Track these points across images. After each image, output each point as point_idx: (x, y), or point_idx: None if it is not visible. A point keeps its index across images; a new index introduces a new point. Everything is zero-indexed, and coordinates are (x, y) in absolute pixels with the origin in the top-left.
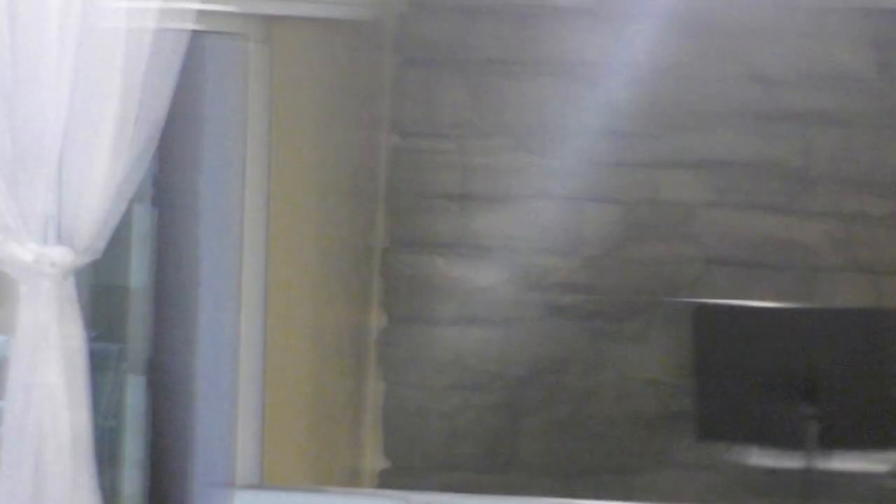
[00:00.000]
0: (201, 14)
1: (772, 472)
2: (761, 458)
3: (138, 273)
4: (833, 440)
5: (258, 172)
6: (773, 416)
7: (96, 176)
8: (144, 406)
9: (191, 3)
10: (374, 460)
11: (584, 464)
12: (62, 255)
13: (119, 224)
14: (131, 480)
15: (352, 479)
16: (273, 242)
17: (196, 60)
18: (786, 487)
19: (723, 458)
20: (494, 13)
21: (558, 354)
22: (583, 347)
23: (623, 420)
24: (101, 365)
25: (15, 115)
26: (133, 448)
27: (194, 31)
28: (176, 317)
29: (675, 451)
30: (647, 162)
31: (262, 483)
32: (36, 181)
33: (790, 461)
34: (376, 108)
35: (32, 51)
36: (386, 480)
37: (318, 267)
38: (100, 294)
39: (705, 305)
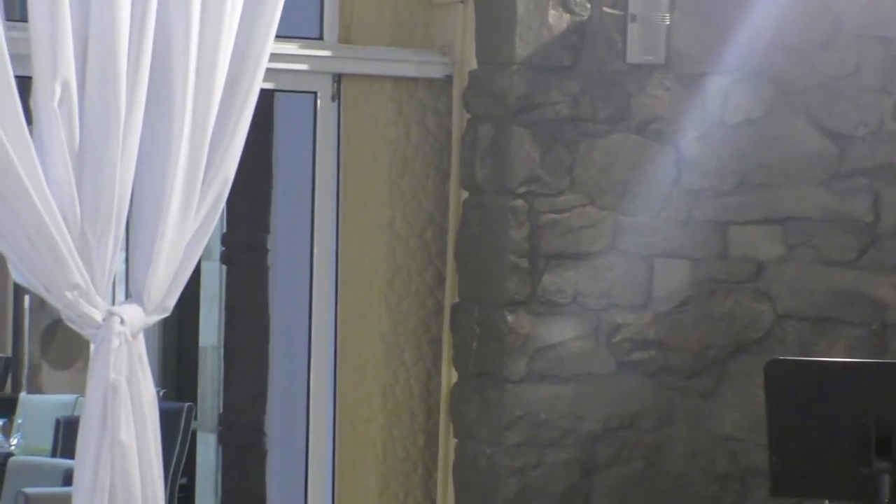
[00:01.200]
0: (271, 72)
1: None
2: None
3: (208, 331)
4: None
5: (326, 229)
6: (845, 471)
7: (165, 234)
8: (215, 463)
9: (260, 62)
10: None
11: None
12: (132, 314)
13: (188, 282)
14: None
15: None
16: (342, 299)
17: (266, 118)
18: None
19: None
20: (565, 70)
21: (630, 410)
22: (654, 403)
23: (695, 476)
24: (172, 422)
25: (84, 175)
26: None
27: (264, 90)
28: (246, 374)
29: None
30: (717, 217)
31: None
32: (105, 240)
33: None
34: (445, 164)
35: (101, 111)
36: None
37: (387, 323)
38: (170, 352)
39: (777, 360)
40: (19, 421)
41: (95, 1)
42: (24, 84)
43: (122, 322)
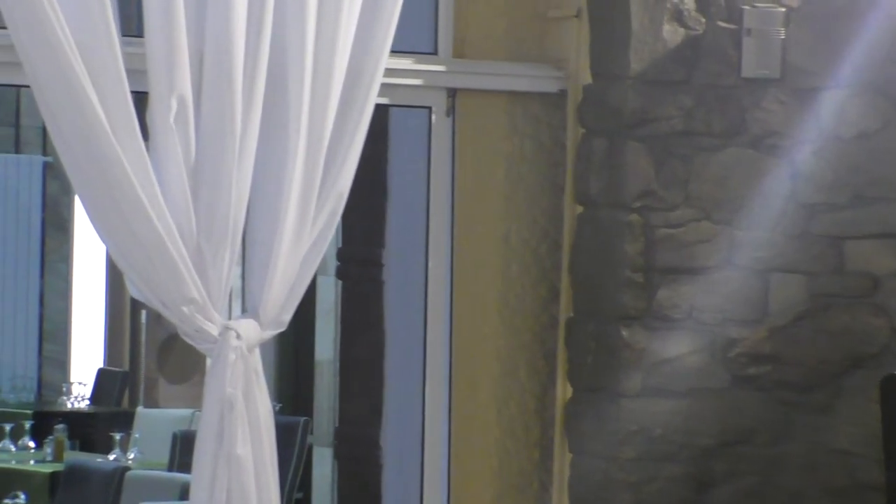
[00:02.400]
0: (386, 87)
1: None
2: None
3: (323, 345)
4: None
5: (441, 243)
6: None
7: (281, 249)
8: (331, 477)
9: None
10: None
11: None
12: (248, 328)
13: (304, 297)
14: None
15: None
16: (457, 313)
17: (381, 133)
18: None
19: None
20: (679, 84)
21: (745, 425)
22: (769, 418)
23: (811, 491)
24: (288, 436)
25: (200, 190)
26: None
27: (379, 105)
28: (361, 388)
29: None
30: (833, 232)
31: None
32: (221, 255)
33: None
34: (560, 179)
35: (217, 126)
36: None
37: (502, 338)
38: (286, 366)
39: (892, 376)
40: (136, 435)
41: (211, 16)
42: (141, 100)
43: (238, 336)
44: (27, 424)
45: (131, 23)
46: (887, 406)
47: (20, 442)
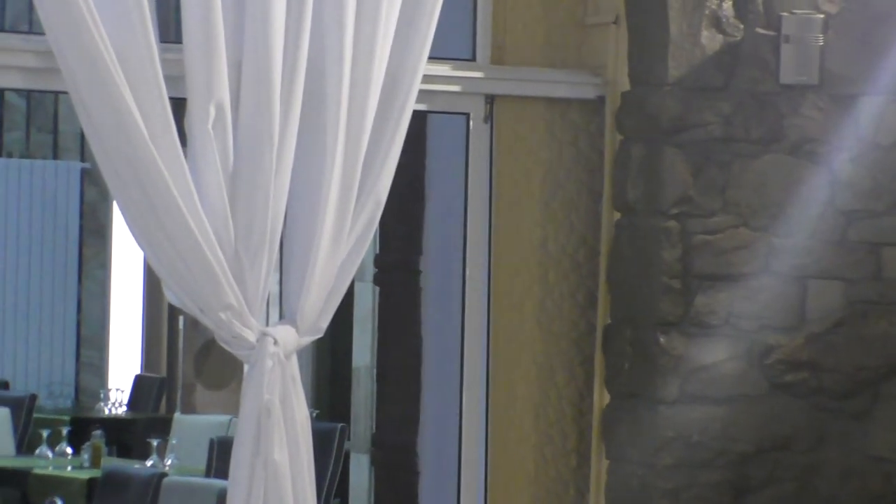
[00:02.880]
0: (423, 94)
1: None
2: None
3: (361, 351)
4: None
5: (479, 250)
6: None
7: (318, 255)
8: (368, 483)
9: (413, 83)
10: None
11: None
12: (285, 335)
13: (341, 303)
14: None
15: None
16: (494, 319)
17: (418, 140)
18: None
19: None
20: (718, 90)
21: (782, 431)
22: (807, 424)
23: (848, 498)
24: (325, 443)
25: (238, 197)
26: None
27: (416, 111)
28: (399, 395)
29: None
30: (870, 238)
31: None
32: (259, 261)
33: None
34: (597, 185)
35: (255, 133)
36: None
37: (539, 344)
38: (323, 373)
39: None
40: (173, 441)
41: (249, 23)
42: (179, 106)
43: (275, 343)
44: (64, 430)
45: (170, 29)
46: None
47: (58, 448)
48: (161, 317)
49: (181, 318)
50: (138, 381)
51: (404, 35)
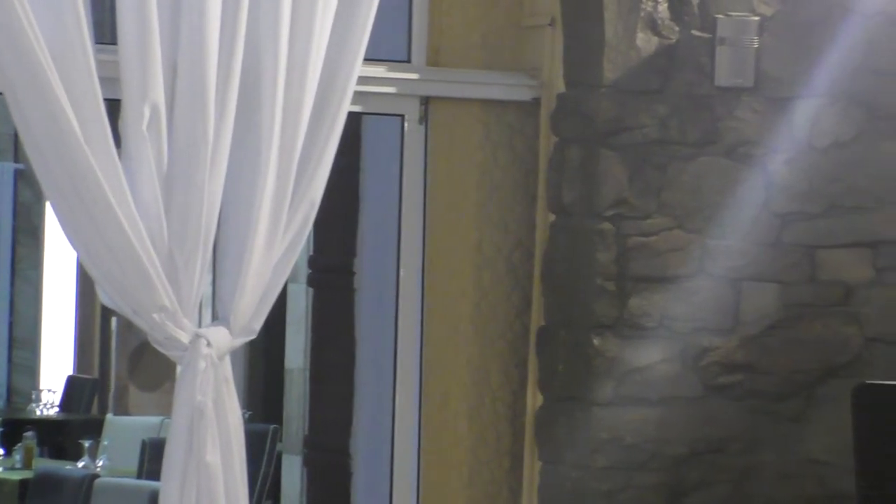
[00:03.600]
0: (359, 95)
1: None
2: None
3: (294, 353)
4: None
5: (414, 252)
6: None
7: (252, 257)
8: (300, 485)
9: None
10: None
11: None
12: (218, 336)
13: (275, 304)
14: None
15: None
16: (428, 321)
17: (353, 141)
18: None
19: None
20: (653, 93)
21: (717, 434)
22: (742, 427)
23: (783, 500)
24: (258, 444)
25: (172, 198)
26: None
27: (352, 112)
28: (332, 396)
29: None
30: (805, 241)
31: None
32: (192, 263)
33: None
34: (533, 187)
35: (190, 134)
36: None
37: (473, 346)
38: (256, 374)
39: (864, 385)
40: (105, 442)
41: (185, 24)
42: (114, 107)
43: (208, 344)
44: None
45: (105, 30)
46: (859, 415)
47: None
48: (94, 318)
49: (114, 320)
50: (71, 382)
51: (340, 37)
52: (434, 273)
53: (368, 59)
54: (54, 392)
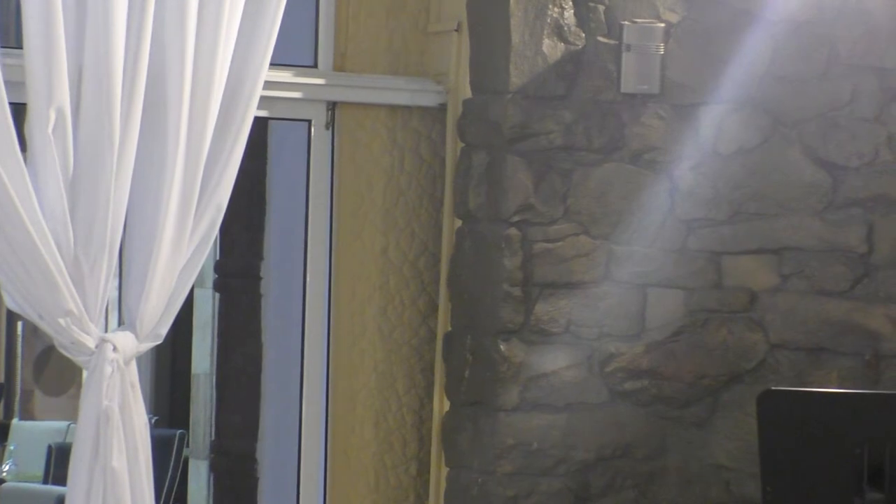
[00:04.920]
0: (265, 100)
1: None
2: None
3: (200, 358)
4: None
5: (320, 256)
6: (837, 502)
7: (158, 261)
8: (207, 490)
9: (254, 89)
10: None
11: None
12: (124, 341)
13: (181, 309)
14: None
15: None
16: (335, 326)
17: (260, 146)
18: None
19: None
20: (559, 99)
21: (623, 439)
22: (647, 432)
23: None
24: (164, 449)
25: (78, 202)
26: None
27: (258, 117)
28: (238, 401)
29: None
30: (710, 247)
31: None
32: (98, 267)
33: None
34: (439, 192)
35: (96, 138)
36: None
37: (380, 351)
38: (162, 379)
39: (769, 391)
40: (11, 447)
41: (90, 28)
42: (19, 111)
43: (114, 349)
44: None
45: (10, 34)
46: (763, 421)
47: None
48: None
49: (20, 324)
50: None
51: (246, 41)
52: (340, 278)
53: (275, 64)
54: None
